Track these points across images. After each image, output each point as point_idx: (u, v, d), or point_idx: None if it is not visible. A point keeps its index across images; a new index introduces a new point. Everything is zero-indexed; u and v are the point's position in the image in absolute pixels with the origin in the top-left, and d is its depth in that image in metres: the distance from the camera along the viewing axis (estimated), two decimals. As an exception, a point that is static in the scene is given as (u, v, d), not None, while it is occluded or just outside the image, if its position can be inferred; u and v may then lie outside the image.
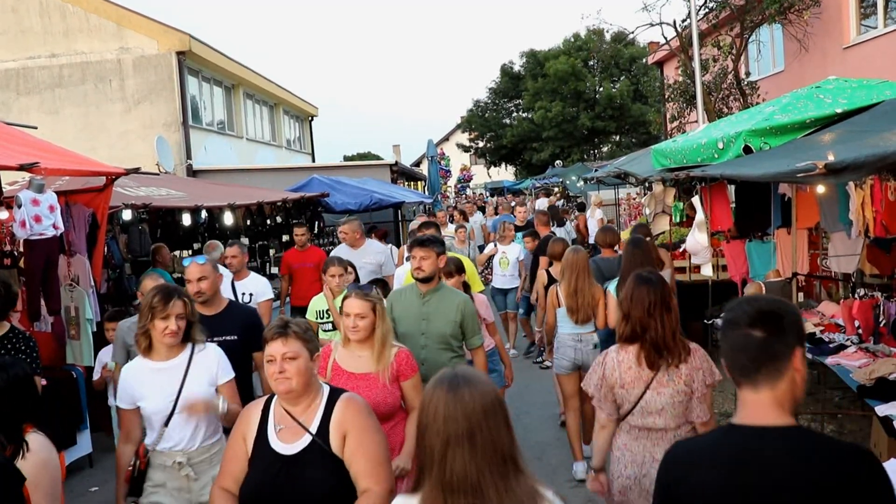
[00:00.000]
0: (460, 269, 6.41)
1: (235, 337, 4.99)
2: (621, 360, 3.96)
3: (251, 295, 7.36)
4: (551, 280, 7.54)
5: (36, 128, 8.69)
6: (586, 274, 6.61)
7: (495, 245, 11.34)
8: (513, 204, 19.10)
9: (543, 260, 8.96)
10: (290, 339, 3.30)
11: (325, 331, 6.31)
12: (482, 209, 24.60)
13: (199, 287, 5.04)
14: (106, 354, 6.70)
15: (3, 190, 6.94)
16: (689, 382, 3.88)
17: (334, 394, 3.40)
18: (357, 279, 7.07)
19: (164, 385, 4.09)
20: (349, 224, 8.87)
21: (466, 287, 6.36)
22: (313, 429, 3.28)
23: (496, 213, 19.45)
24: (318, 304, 6.59)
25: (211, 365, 4.27)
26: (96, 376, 6.78)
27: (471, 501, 2.11)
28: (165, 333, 4.07)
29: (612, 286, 6.46)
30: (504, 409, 2.24)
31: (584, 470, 6.28)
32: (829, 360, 6.21)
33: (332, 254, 8.07)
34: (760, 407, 2.08)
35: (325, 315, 6.44)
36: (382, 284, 7.17)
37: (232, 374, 4.34)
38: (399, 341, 4.62)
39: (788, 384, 2.09)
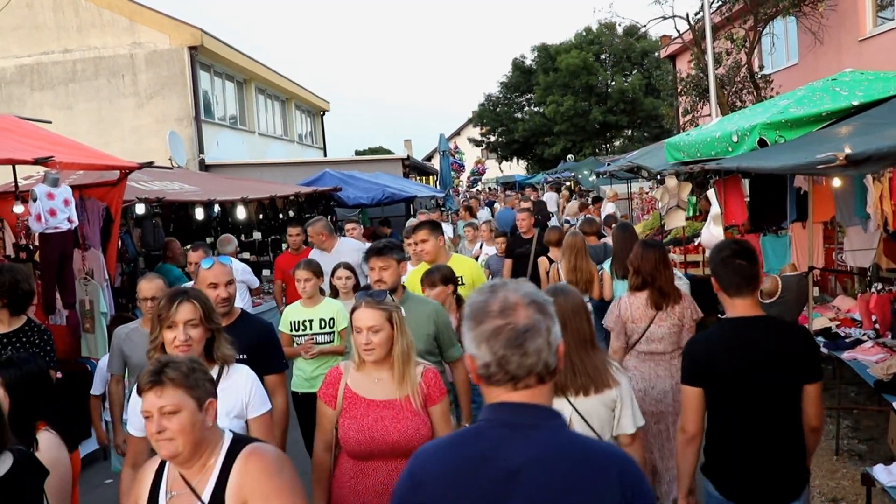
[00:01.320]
0: (448, 278, 5.53)
1: (245, 356, 4.05)
2: (632, 303, 5.25)
3: None
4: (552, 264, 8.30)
5: (50, 122, 8.72)
6: (584, 253, 7.45)
7: (481, 246, 10.76)
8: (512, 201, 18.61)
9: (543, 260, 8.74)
10: (166, 389, 2.58)
11: (298, 343, 5.85)
12: (490, 205, 23.73)
13: (228, 292, 4.28)
14: (105, 363, 5.61)
15: (19, 184, 6.96)
16: (681, 318, 5.19)
17: (235, 446, 2.71)
18: (357, 284, 6.62)
19: None
20: (313, 226, 8.14)
21: (460, 300, 5.54)
22: (206, 496, 2.63)
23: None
24: (292, 313, 6.02)
25: (241, 393, 3.50)
26: (97, 390, 5.69)
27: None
28: (174, 346, 3.37)
29: (606, 265, 7.32)
30: (586, 309, 3.65)
31: None
32: (846, 355, 6.17)
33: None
34: (747, 307, 3.46)
35: (301, 327, 5.88)
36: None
37: (268, 406, 3.59)
38: None
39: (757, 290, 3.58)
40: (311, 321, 5.94)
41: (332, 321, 5.90)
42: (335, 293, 6.48)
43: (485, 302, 1.98)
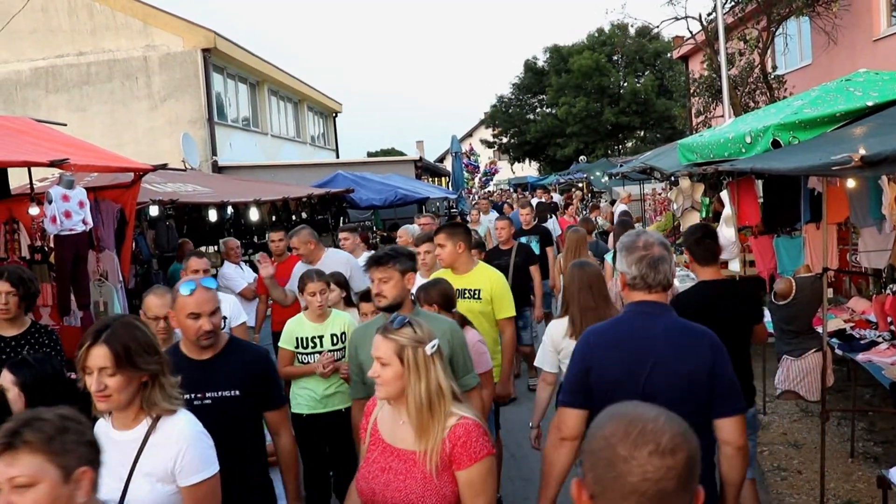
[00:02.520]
0: (445, 298, 4.74)
1: (237, 392, 3.56)
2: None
3: (224, 319, 5.64)
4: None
5: (66, 125, 8.77)
6: (584, 247, 8.27)
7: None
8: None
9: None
10: (20, 455, 2.02)
11: (302, 362, 5.31)
12: (498, 207, 22.19)
13: (212, 324, 3.53)
14: None
15: (34, 186, 7.01)
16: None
17: None
18: (348, 298, 6.12)
19: (116, 467, 2.74)
20: (297, 236, 7.07)
21: (464, 322, 4.76)
22: None
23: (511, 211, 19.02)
24: (297, 328, 5.40)
25: (169, 453, 2.82)
26: None
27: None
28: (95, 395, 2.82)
29: (608, 257, 8.24)
30: (602, 276, 5.02)
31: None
32: (860, 357, 6.13)
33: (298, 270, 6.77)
34: (713, 273, 4.83)
35: (310, 344, 5.31)
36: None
37: (209, 472, 2.90)
38: (368, 392, 3.60)
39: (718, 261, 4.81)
40: (321, 337, 5.37)
41: (343, 336, 5.34)
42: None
43: (633, 240, 3.24)
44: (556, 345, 4.91)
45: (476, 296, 5.41)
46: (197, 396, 3.48)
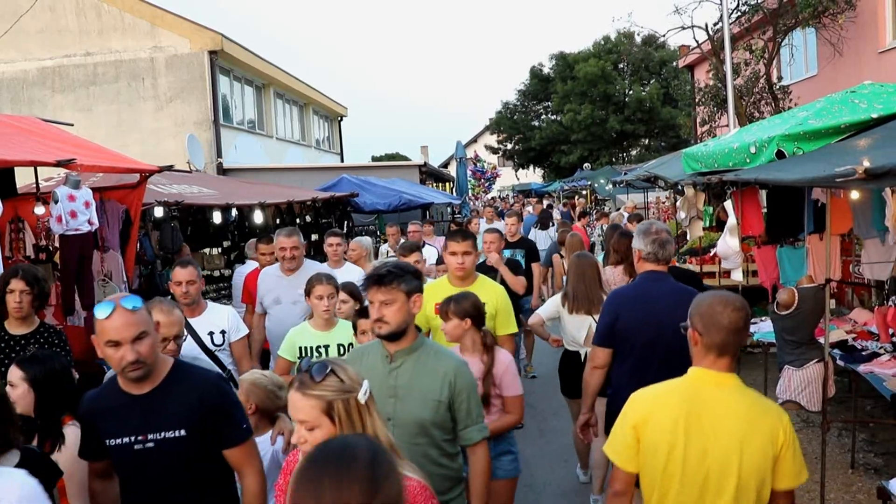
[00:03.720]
0: (481, 315, 4.37)
1: (183, 432, 3.04)
2: (614, 272, 6.95)
3: (222, 333, 5.29)
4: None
5: (72, 125, 8.80)
6: (581, 248, 8.59)
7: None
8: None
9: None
10: None
11: None
12: (504, 215, 21.96)
13: (136, 353, 2.95)
14: None
15: (40, 185, 7.03)
16: None
17: None
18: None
19: None
20: (286, 236, 6.32)
21: (487, 339, 4.35)
22: None
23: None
24: (300, 337, 5.04)
25: None
26: None
27: None
28: None
29: (599, 258, 8.38)
30: (598, 264, 6.44)
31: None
32: (862, 368, 6.14)
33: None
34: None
35: (314, 354, 4.96)
36: None
37: None
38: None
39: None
40: (326, 347, 4.96)
41: (350, 347, 4.89)
42: None
43: (648, 227, 4.62)
44: (557, 306, 6.33)
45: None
46: (137, 439, 3.01)
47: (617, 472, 2.97)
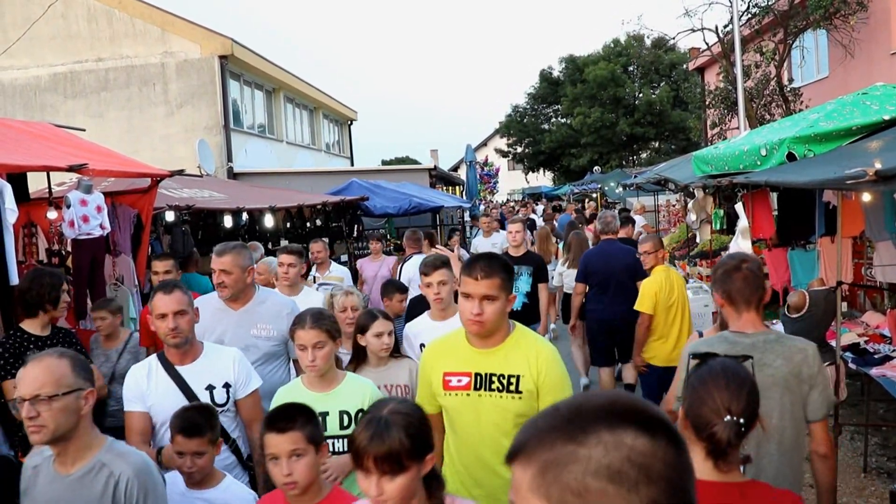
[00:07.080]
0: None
1: None
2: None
3: (226, 388, 3.83)
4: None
5: (84, 130, 8.85)
6: (585, 244, 9.46)
7: None
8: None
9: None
10: None
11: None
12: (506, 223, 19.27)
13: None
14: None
15: (53, 190, 7.08)
16: None
17: None
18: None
19: None
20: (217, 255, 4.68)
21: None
22: None
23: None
24: (291, 398, 3.31)
25: None
26: None
27: None
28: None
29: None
30: (584, 242, 9.83)
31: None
32: (874, 371, 6.11)
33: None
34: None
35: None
36: None
37: None
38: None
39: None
40: (325, 415, 3.44)
41: (359, 414, 3.45)
42: None
43: (604, 215, 8.69)
44: (559, 271, 9.75)
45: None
46: None
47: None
